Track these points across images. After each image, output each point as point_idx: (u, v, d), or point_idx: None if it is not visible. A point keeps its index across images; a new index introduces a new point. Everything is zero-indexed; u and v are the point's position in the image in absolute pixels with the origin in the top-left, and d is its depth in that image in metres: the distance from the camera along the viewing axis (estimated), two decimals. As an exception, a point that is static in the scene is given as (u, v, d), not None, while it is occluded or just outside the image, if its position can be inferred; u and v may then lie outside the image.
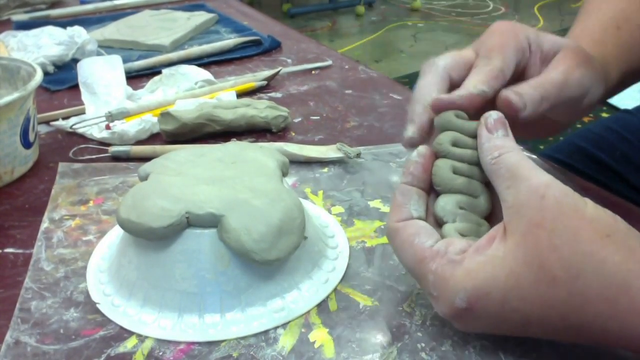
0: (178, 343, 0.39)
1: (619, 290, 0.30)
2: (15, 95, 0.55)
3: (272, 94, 0.78)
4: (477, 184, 0.39)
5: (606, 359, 0.36)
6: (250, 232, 0.39)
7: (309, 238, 0.43)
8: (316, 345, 0.38)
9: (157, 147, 0.62)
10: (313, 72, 0.85)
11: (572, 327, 0.32)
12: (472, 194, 0.38)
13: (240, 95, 0.75)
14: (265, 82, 0.79)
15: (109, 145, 0.63)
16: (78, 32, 0.89)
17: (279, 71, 0.81)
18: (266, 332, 0.39)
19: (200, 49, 0.91)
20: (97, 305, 0.42)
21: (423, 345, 0.38)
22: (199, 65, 0.82)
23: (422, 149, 0.39)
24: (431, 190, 0.39)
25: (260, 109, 0.66)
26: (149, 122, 0.66)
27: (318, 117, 0.70)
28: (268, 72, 0.80)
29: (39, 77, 0.59)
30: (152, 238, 0.40)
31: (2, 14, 1.15)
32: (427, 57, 0.46)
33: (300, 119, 0.70)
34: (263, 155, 0.46)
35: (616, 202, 0.52)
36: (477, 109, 0.40)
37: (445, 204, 0.38)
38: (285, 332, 0.39)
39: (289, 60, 0.90)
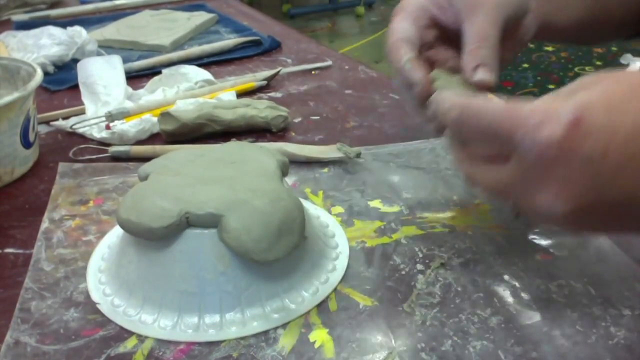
0: (178, 343, 0.39)
1: None
2: (15, 95, 0.55)
3: (272, 94, 0.78)
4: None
5: (606, 359, 0.36)
6: (250, 232, 0.39)
7: (308, 238, 0.43)
8: (316, 345, 0.38)
9: (157, 147, 0.62)
10: (313, 72, 0.85)
11: None
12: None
13: (240, 95, 0.75)
14: (265, 82, 0.79)
15: (109, 145, 0.63)
16: (78, 32, 0.89)
17: (279, 71, 0.81)
18: (266, 332, 0.39)
19: (200, 49, 0.91)
20: (97, 306, 0.42)
21: (423, 345, 0.37)
22: (199, 65, 0.82)
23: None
24: None
25: (260, 109, 0.66)
26: (149, 122, 0.66)
27: (318, 117, 0.70)
28: (268, 72, 0.80)
29: (39, 77, 0.59)
30: (152, 238, 0.40)
31: (2, 14, 1.16)
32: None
33: (300, 119, 0.70)
34: (263, 155, 0.46)
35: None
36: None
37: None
38: (285, 332, 0.39)
39: (289, 61, 0.90)
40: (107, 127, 0.65)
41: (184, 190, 0.42)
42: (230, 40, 0.94)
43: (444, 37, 0.49)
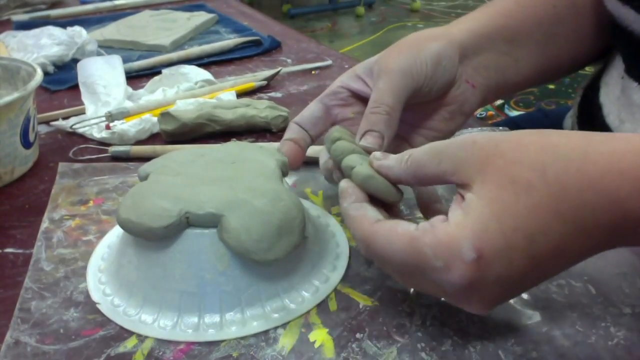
0: (178, 343, 0.39)
1: (581, 160, 0.31)
2: (15, 95, 0.55)
3: (272, 94, 0.78)
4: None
5: (606, 359, 0.36)
6: (250, 232, 0.39)
7: (308, 238, 0.43)
8: (316, 345, 0.38)
9: (157, 147, 0.62)
10: (313, 72, 0.85)
11: (573, 221, 0.31)
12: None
13: (240, 95, 0.75)
14: (265, 82, 0.79)
15: (109, 145, 0.63)
16: (78, 32, 0.89)
17: (279, 71, 0.81)
18: (266, 332, 0.39)
19: (200, 49, 0.91)
20: (97, 305, 0.42)
21: (423, 345, 0.38)
22: (199, 65, 0.82)
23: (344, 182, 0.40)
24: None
25: (260, 109, 0.66)
26: (149, 122, 0.66)
27: (318, 117, 0.70)
28: (268, 72, 0.80)
29: (39, 77, 0.59)
30: (152, 238, 0.40)
31: (2, 14, 1.16)
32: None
33: (300, 119, 0.70)
34: (263, 155, 0.46)
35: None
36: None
37: (350, 157, 0.41)
38: (285, 332, 0.39)
39: (289, 60, 0.90)
40: (107, 127, 0.65)
41: (184, 190, 0.42)
42: (230, 40, 0.94)
43: None
